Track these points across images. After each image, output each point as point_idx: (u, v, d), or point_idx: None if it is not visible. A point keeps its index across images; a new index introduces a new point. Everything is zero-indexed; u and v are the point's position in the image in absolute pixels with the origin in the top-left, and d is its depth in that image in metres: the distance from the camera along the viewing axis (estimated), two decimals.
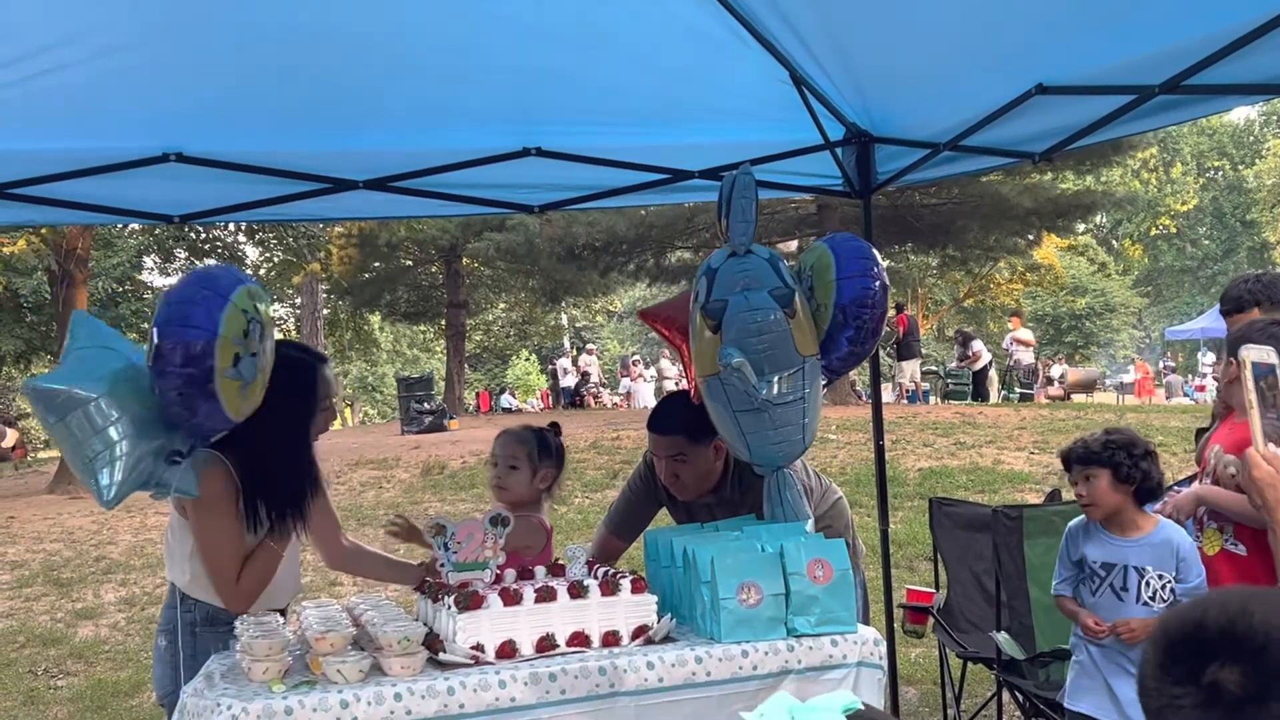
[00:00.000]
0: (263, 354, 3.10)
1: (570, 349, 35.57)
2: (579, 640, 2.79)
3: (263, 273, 26.99)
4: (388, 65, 3.65)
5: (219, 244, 24.00)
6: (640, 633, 2.84)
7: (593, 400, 28.09)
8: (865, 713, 1.24)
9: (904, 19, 3.55)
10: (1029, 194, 18.22)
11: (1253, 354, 1.97)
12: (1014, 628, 4.45)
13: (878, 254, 3.53)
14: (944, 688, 5.01)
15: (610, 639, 2.81)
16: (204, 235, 23.22)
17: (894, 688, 4.85)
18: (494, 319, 38.92)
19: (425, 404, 19.53)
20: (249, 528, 3.16)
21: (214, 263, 24.33)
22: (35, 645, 7.85)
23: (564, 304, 32.13)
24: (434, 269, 27.91)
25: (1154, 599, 3.34)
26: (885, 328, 3.63)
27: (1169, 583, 3.35)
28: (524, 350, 42.32)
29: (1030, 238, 21.79)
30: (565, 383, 28.75)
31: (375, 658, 2.67)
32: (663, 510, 3.99)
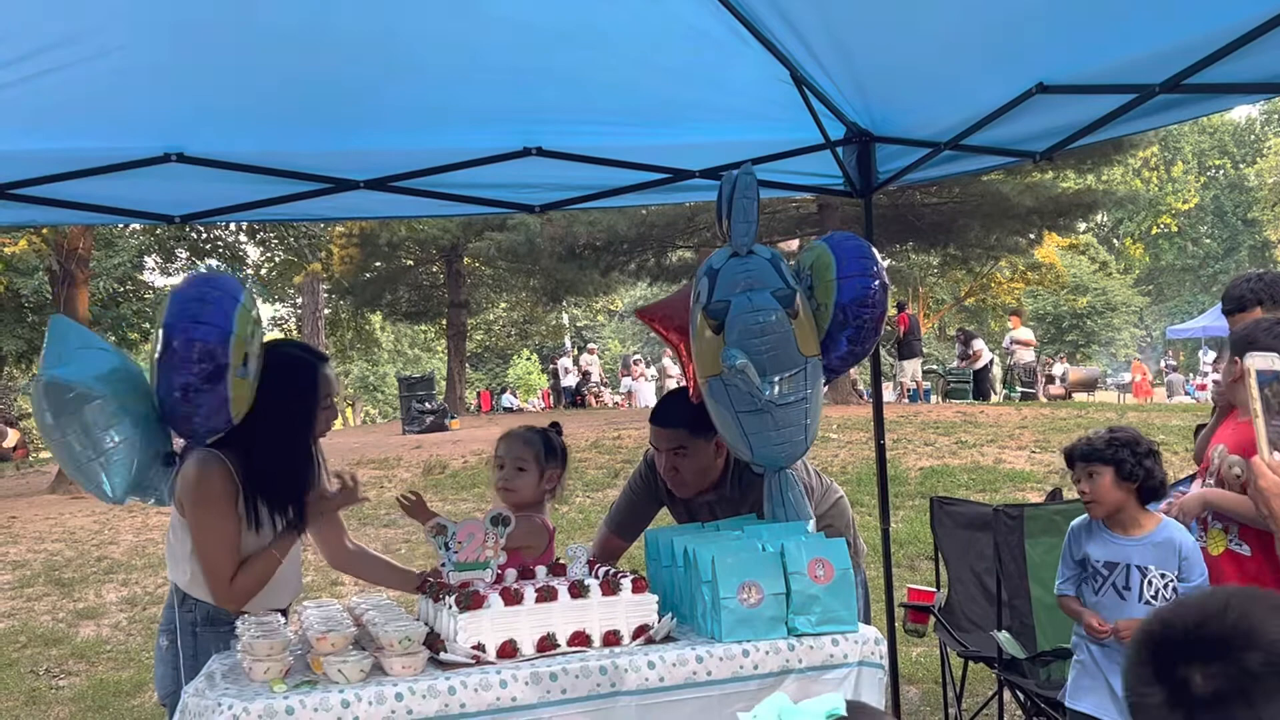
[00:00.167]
0: (258, 356, 3.14)
1: (571, 348, 35.57)
2: (580, 640, 2.79)
3: (264, 272, 27.01)
4: (388, 65, 3.65)
5: (220, 244, 23.99)
6: (641, 632, 2.84)
7: (594, 400, 28.09)
8: (854, 713, 1.24)
9: (904, 18, 3.55)
10: (1030, 193, 18.21)
11: (1258, 361, 1.96)
12: (1015, 627, 4.44)
13: (877, 253, 3.53)
14: (945, 687, 5.01)
15: (611, 638, 2.81)
16: (205, 235, 23.22)
17: (895, 687, 4.84)
18: (495, 318, 38.92)
19: (426, 404, 19.54)
20: (249, 526, 3.17)
21: (215, 263, 24.41)
22: (37, 645, 7.85)
23: (565, 303, 32.11)
24: (435, 268, 27.93)
25: (1156, 598, 3.33)
26: (886, 327, 3.63)
27: (1171, 582, 3.34)
28: (525, 350, 42.33)
29: (1031, 237, 21.77)
30: (566, 382, 28.75)
31: (376, 657, 2.68)
32: (664, 509, 3.99)
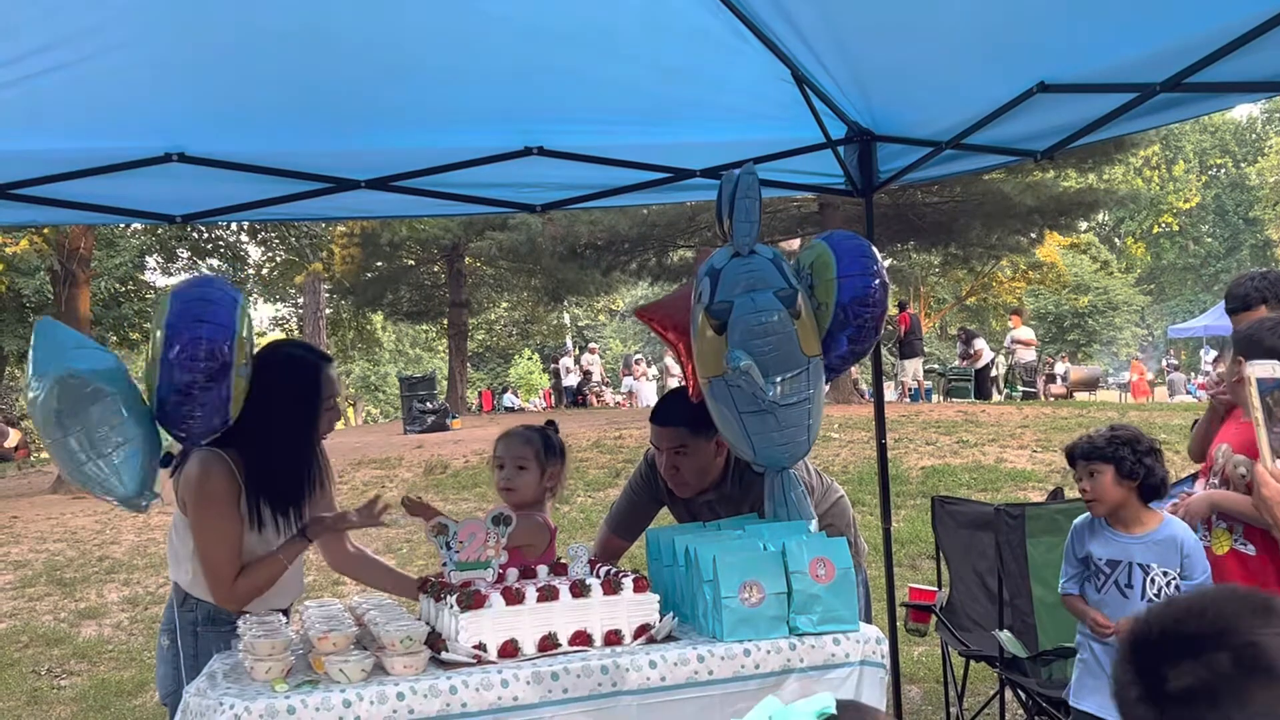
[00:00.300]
0: (250, 358, 3.18)
1: (573, 348, 35.56)
2: (581, 639, 2.79)
3: (265, 272, 27.03)
4: (389, 65, 3.66)
5: (221, 244, 23.99)
6: (642, 631, 2.84)
7: (595, 399, 28.11)
8: (844, 711, 1.24)
9: (906, 17, 3.54)
10: (1031, 192, 18.19)
11: (1258, 370, 1.96)
12: (1016, 626, 4.44)
13: (877, 252, 3.53)
14: (946, 686, 5.01)
15: (612, 638, 2.81)
16: (206, 235, 23.23)
17: (896, 686, 4.84)
18: (496, 318, 38.93)
19: (428, 403, 19.52)
20: (251, 526, 3.17)
21: (216, 263, 24.42)
22: (39, 645, 7.86)
23: (566, 303, 32.14)
24: (436, 268, 27.92)
25: (1159, 596, 3.31)
26: (887, 327, 3.63)
27: (1174, 579, 3.33)
28: (526, 349, 42.33)
29: (1033, 236, 21.76)
30: (568, 382, 28.76)
31: (378, 657, 2.68)
32: (664, 509, 3.99)
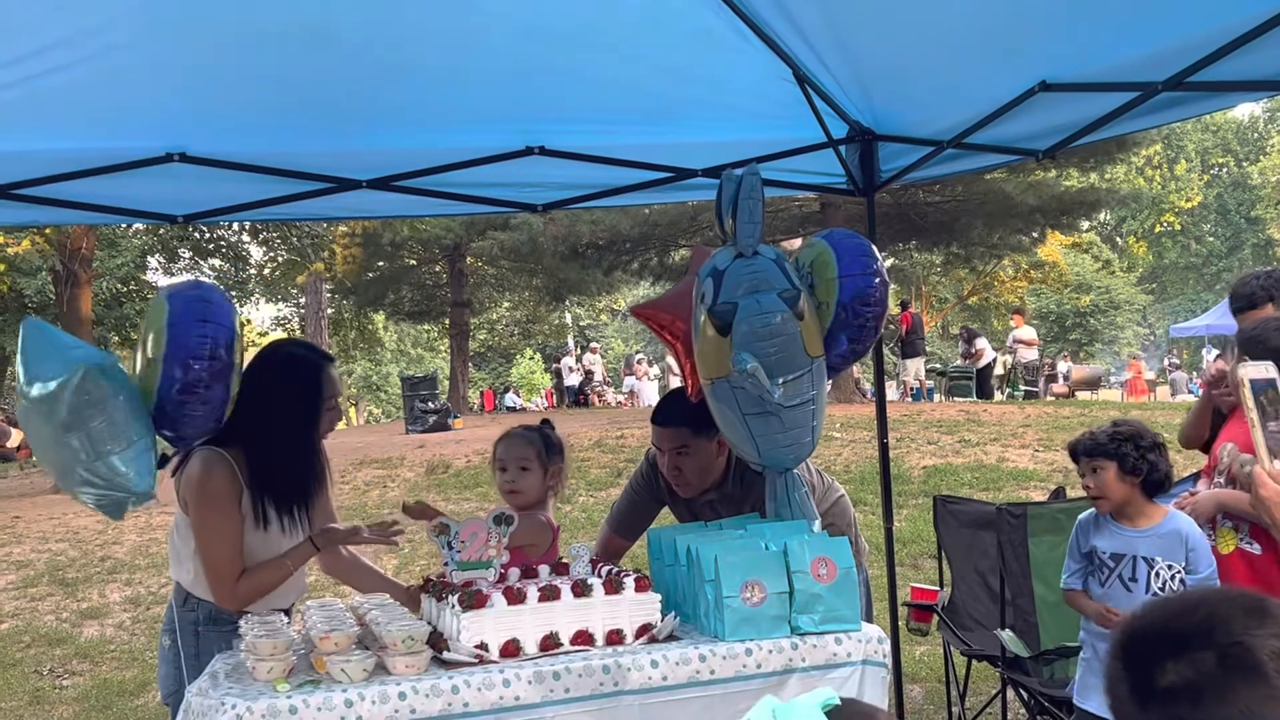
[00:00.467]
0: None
1: (574, 348, 35.58)
2: (583, 639, 2.79)
3: (267, 272, 27.04)
4: (391, 65, 3.65)
5: (223, 244, 24.02)
6: (644, 631, 2.84)
7: (597, 399, 28.12)
8: (846, 706, 1.24)
9: (907, 16, 3.54)
10: (1033, 191, 18.19)
11: (1250, 370, 1.95)
12: (1018, 625, 4.44)
13: (876, 250, 3.52)
14: (949, 685, 5.01)
15: (614, 638, 2.81)
16: (208, 235, 23.24)
17: (898, 686, 4.84)
18: (498, 318, 38.95)
19: (429, 403, 19.52)
20: (256, 525, 3.17)
21: (218, 262, 24.44)
22: (41, 645, 7.87)
23: (568, 303, 32.14)
24: (438, 268, 27.92)
25: (1164, 590, 3.29)
26: (889, 326, 3.62)
27: (1179, 573, 3.31)
28: (528, 349, 42.35)
29: (1034, 235, 21.74)
30: (569, 381, 28.77)
31: (380, 657, 2.68)
32: (666, 508, 3.99)
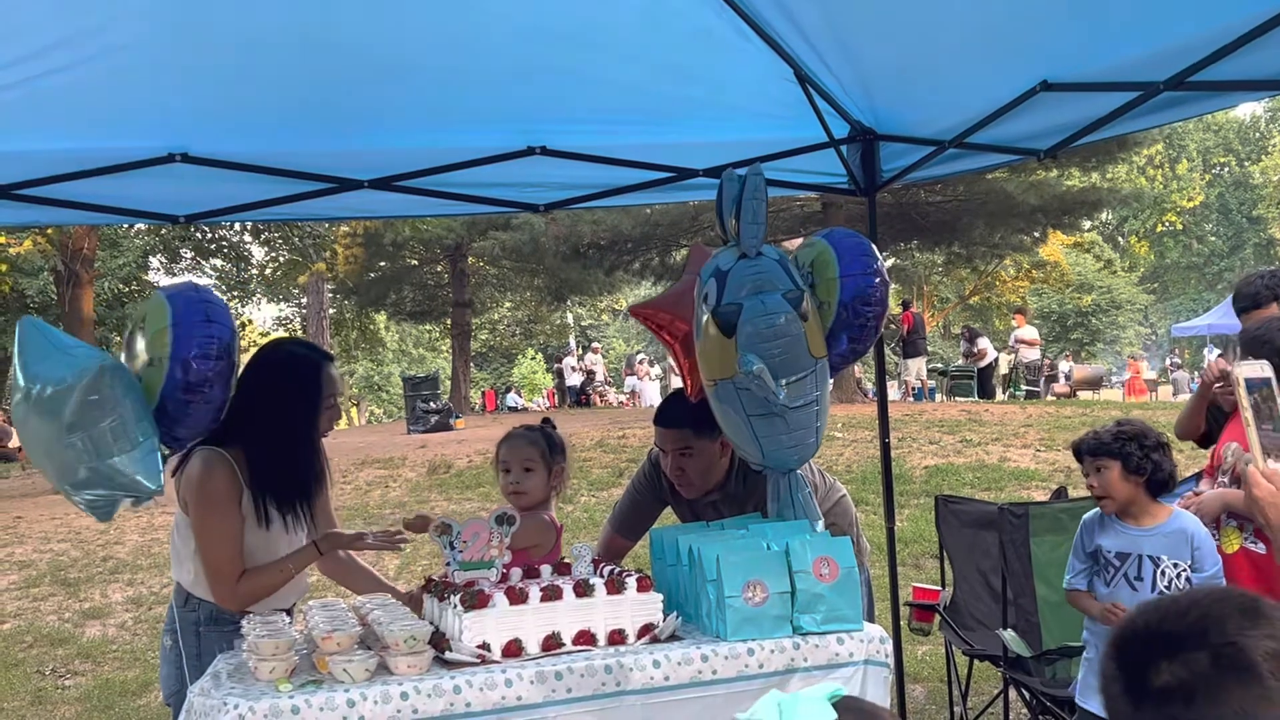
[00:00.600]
0: None
1: (576, 348, 35.59)
2: (585, 639, 2.79)
3: (269, 272, 27.08)
4: (392, 65, 3.65)
5: (224, 244, 24.06)
6: (646, 631, 2.84)
7: (598, 399, 28.12)
8: (851, 701, 1.25)
9: (908, 16, 3.54)
10: (1034, 191, 18.19)
11: (1245, 370, 1.95)
12: (1020, 625, 4.44)
13: (876, 250, 3.52)
14: (950, 685, 5.01)
15: (616, 637, 2.81)
16: (210, 235, 23.28)
17: (900, 686, 4.84)
18: (499, 318, 38.97)
19: (431, 403, 19.54)
20: (258, 524, 3.17)
21: (220, 263, 24.46)
22: (43, 645, 7.87)
23: (569, 303, 32.14)
24: (439, 268, 27.94)
25: (1170, 588, 3.28)
26: (890, 326, 3.63)
27: (1184, 571, 3.30)
28: (529, 349, 42.36)
29: (1036, 235, 21.72)
30: (571, 381, 28.78)
31: (382, 657, 2.68)
32: (668, 508, 3.99)
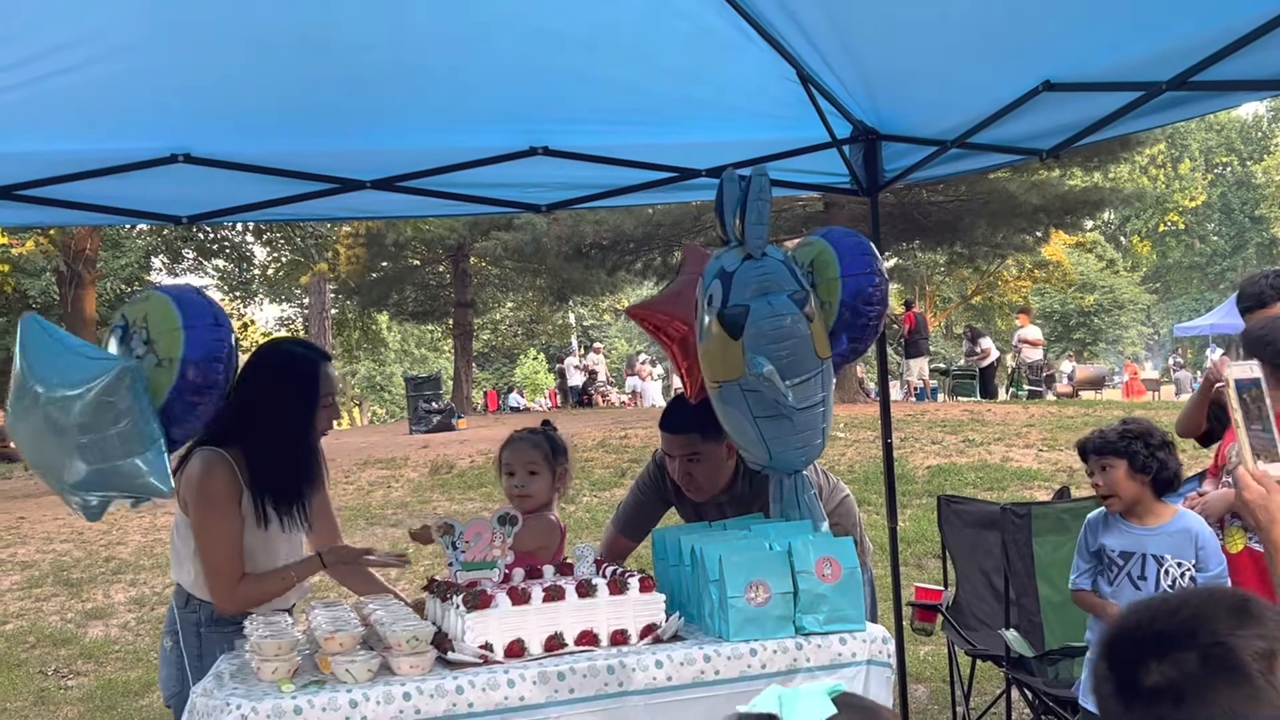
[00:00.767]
0: None
1: (578, 348, 35.59)
2: (587, 639, 2.78)
3: (271, 273, 27.09)
4: (394, 65, 3.66)
5: (227, 244, 24.07)
6: (648, 631, 2.84)
7: (600, 399, 28.13)
8: (850, 698, 1.25)
9: (910, 16, 3.54)
10: (1037, 191, 18.17)
11: (1235, 370, 1.95)
12: (1023, 625, 4.44)
13: (876, 249, 3.52)
14: (953, 685, 5.00)
15: (618, 638, 2.81)
16: (212, 236, 23.29)
17: (903, 686, 4.84)
18: (501, 318, 38.97)
19: (433, 403, 19.55)
20: (258, 524, 3.17)
21: (222, 263, 24.47)
22: (45, 645, 7.88)
23: (571, 303, 32.14)
24: (441, 268, 27.94)
25: (1174, 588, 3.27)
26: (890, 325, 3.63)
27: (1189, 571, 3.30)
28: (531, 349, 42.36)
29: (1038, 234, 21.70)
30: (573, 382, 28.79)
31: (384, 657, 2.68)
32: (671, 509, 3.98)
